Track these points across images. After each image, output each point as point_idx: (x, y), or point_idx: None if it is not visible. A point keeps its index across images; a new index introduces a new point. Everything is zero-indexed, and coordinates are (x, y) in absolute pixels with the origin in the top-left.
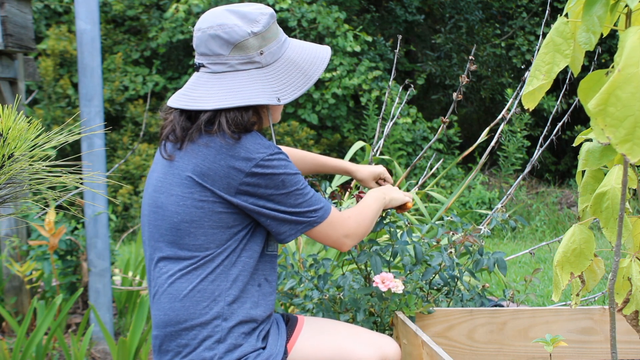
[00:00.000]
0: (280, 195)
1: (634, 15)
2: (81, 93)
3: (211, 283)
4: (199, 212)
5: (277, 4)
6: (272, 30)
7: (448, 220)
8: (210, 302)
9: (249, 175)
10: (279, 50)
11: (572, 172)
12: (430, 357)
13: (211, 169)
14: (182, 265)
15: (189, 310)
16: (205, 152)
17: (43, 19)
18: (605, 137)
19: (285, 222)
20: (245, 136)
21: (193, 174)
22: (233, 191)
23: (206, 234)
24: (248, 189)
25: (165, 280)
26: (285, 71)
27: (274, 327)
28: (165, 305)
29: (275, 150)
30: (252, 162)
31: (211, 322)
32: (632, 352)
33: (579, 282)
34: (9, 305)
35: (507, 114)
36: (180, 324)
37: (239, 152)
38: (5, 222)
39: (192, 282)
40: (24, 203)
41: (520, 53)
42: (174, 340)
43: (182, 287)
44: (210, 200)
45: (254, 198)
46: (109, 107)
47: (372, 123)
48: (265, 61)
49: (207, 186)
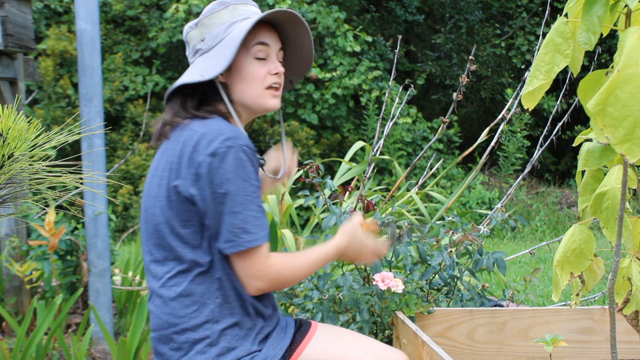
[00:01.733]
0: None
1: (634, 15)
2: (81, 93)
3: (199, 285)
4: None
5: (277, 4)
6: (219, 16)
7: (448, 220)
8: (200, 306)
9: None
10: (223, 32)
11: (572, 172)
12: (430, 357)
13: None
14: (169, 268)
15: (179, 313)
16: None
17: (43, 19)
18: (604, 137)
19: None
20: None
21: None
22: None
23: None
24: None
25: (156, 283)
26: (222, 49)
27: (279, 330)
28: (157, 309)
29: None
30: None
31: (202, 325)
32: (632, 352)
33: (579, 282)
34: (9, 305)
35: (507, 114)
36: (171, 327)
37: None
38: (5, 222)
39: (180, 285)
40: (24, 203)
41: (520, 53)
42: (167, 344)
43: (171, 291)
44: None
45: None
46: (109, 107)
47: (372, 123)
48: (206, 46)
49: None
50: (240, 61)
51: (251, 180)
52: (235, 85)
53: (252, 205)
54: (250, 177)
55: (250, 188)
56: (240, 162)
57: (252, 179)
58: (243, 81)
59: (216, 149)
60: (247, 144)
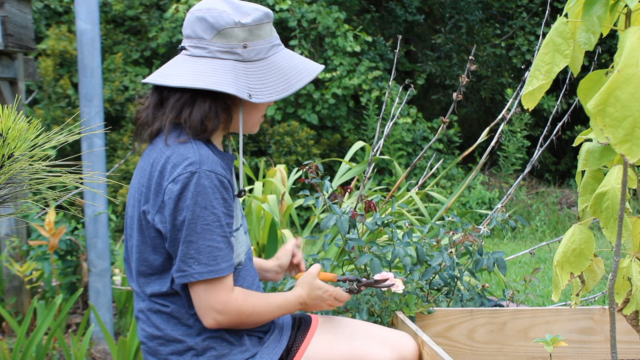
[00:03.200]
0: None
1: (634, 15)
2: (81, 93)
3: (173, 304)
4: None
5: (277, 5)
6: (264, 29)
7: (448, 220)
8: (183, 314)
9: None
10: (266, 50)
11: (572, 172)
12: (430, 357)
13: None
14: (149, 282)
15: (160, 326)
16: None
17: (43, 19)
18: (604, 137)
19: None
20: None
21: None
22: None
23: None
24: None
25: (140, 293)
26: (267, 72)
27: (276, 333)
28: (141, 322)
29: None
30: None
31: (186, 336)
32: (632, 352)
33: (579, 282)
34: (9, 305)
35: (507, 114)
36: (157, 339)
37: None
38: (5, 222)
39: (158, 300)
40: (24, 203)
41: (520, 53)
42: (155, 356)
43: (151, 303)
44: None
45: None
46: (109, 107)
47: (372, 123)
48: (247, 56)
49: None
50: None
51: (213, 209)
52: (243, 110)
53: (210, 234)
54: (211, 204)
55: (211, 217)
56: (201, 188)
57: (216, 206)
58: (256, 111)
59: (178, 174)
60: (212, 168)
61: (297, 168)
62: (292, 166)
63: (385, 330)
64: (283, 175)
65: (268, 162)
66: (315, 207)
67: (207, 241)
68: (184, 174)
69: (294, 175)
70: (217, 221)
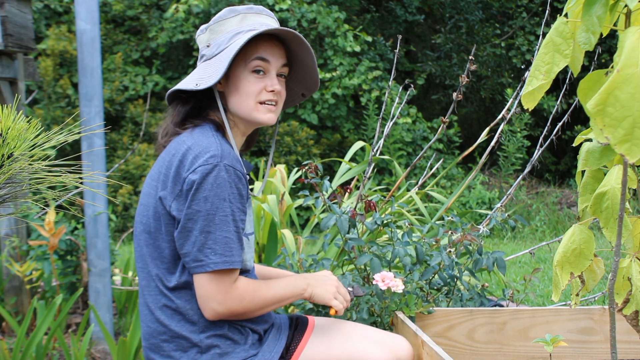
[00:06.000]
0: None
1: (634, 15)
2: (81, 93)
3: (179, 299)
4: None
5: (277, 4)
6: (227, 24)
7: (448, 220)
8: (187, 310)
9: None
10: (226, 41)
11: (572, 172)
12: (430, 357)
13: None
14: (154, 278)
15: (165, 322)
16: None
17: (43, 19)
18: (604, 137)
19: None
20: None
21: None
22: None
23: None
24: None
25: (143, 290)
26: (221, 58)
27: (274, 331)
28: (145, 317)
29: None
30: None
31: (191, 333)
32: (632, 352)
33: (579, 282)
34: (9, 305)
35: (507, 114)
36: (160, 335)
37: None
38: (5, 222)
39: (164, 296)
40: (24, 203)
41: (520, 53)
42: (158, 352)
43: (156, 300)
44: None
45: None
46: (109, 107)
47: (372, 123)
48: (210, 53)
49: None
50: (237, 73)
51: (230, 202)
52: (231, 97)
53: (227, 226)
54: (229, 197)
55: (228, 209)
56: (221, 180)
57: (232, 200)
58: (237, 94)
59: (199, 165)
60: (232, 163)
61: (297, 168)
62: (292, 166)
63: (381, 333)
64: (283, 175)
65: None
66: (315, 207)
67: (224, 232)
68: (206, 166)
69: (294, 175)
70: (232, 214)
